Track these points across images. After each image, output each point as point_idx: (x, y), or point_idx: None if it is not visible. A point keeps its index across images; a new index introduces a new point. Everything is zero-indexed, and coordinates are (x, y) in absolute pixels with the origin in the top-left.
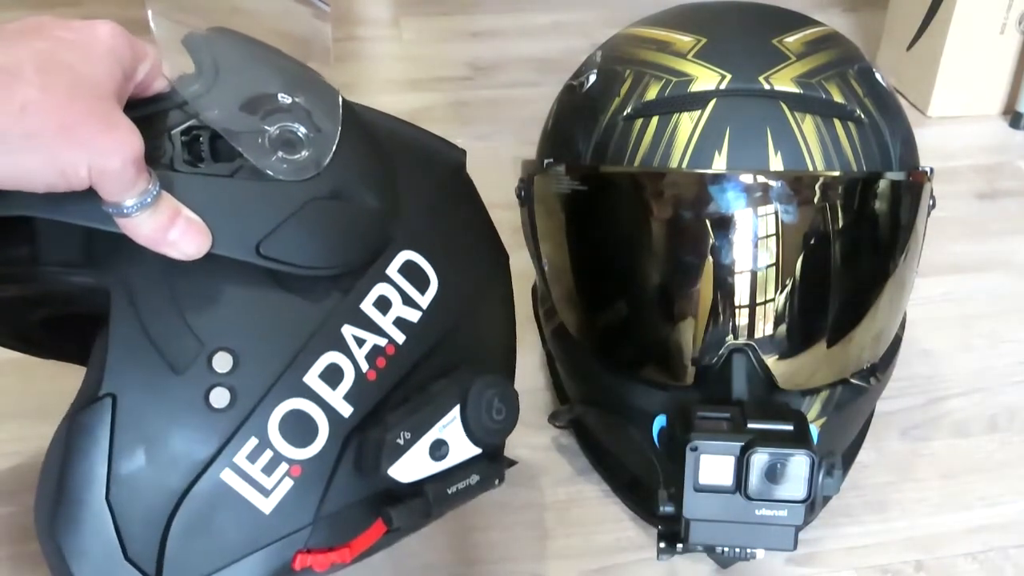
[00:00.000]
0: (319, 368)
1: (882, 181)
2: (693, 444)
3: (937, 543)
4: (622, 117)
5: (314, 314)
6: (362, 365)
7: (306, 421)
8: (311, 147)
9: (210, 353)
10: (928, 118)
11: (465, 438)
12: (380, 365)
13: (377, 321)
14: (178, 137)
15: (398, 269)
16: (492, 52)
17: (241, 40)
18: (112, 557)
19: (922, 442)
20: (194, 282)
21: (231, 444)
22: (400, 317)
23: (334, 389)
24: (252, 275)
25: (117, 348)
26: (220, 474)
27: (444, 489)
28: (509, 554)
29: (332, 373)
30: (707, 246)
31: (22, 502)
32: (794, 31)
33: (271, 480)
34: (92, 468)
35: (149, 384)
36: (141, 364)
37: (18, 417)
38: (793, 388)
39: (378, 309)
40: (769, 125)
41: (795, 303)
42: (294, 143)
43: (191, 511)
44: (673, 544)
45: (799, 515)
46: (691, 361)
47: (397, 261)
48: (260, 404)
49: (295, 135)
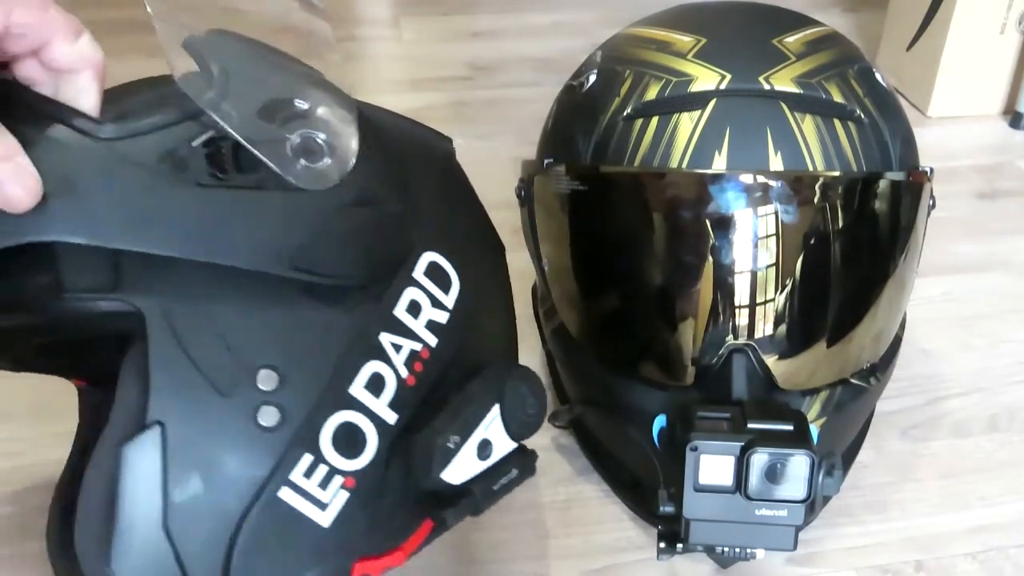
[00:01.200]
0: (363, 378)
1: (882, 181)
2: (693, 444)
3: (937, 543)
4: (622, 117)
5: (352, 324)
6: (401, 371)
7: (355, 432)
8: (332, 154)
9: (255, 372)
10: (928, 118)
11: (504, 434)
12: (417, 369)
13: (411, 326)
14: (200, 150)
15: (424, 271)
16: (492, 52)
17: (244, 42)
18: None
19: (922, 442)
20: (230, 300)
21: (285, 462)
22: (431, 320)
23: (378, 397)
24: (287, 289)
25: (159, 374)
26: (278, 493)
27: (490, 487)
28: (509, 554)
29: (375, 382)
30: (707, 246)
31: (22, 502)
32: (794, 31)
33: (327, 494)
34: (147, 498)
35: (197, 408)
36: (186, 389)
37: (18, 417)
38: (793, 388)
39: (410, 314)
40: (769, 125)
41: (795, 303)
42: (315, 150)
43: (252, 532)
44: (673, 544)
45: (799, 515)
46: (691, 361)
47: (422, 263)
48: (310, 419)
49: (316, 142)
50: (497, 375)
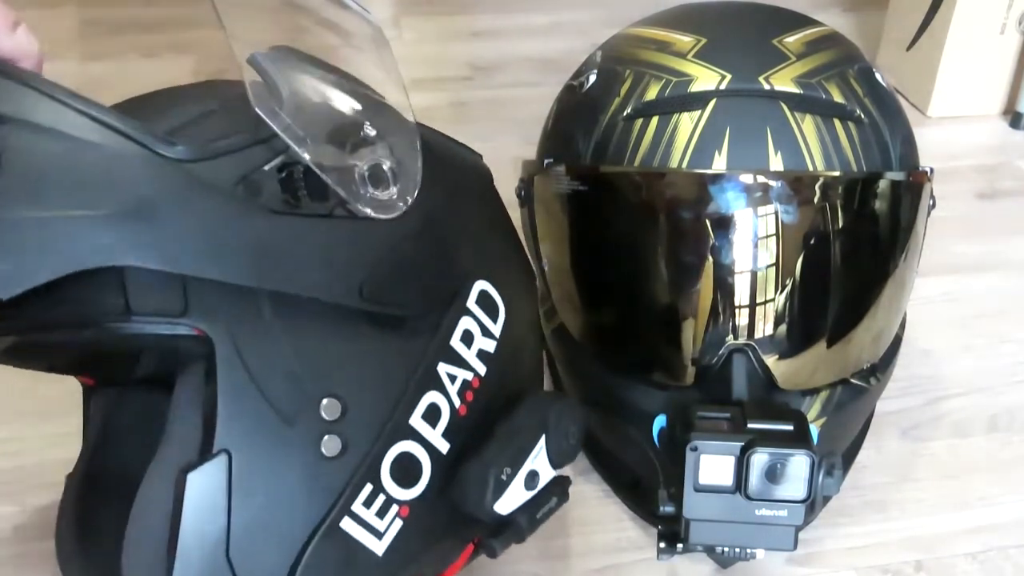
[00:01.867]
0: (422, 409)
1: (882, 181)
2: (693, 444)
3: (937, 543)
4: (622, 117)
5: (412, 354)
6: (455, 401)
7: (413, 462)
8: (398, 182)
9: (319, 401)
10: (928, 118)
11: (548, 464)
12: (469, 399)
13: (465, 356)
14: (274, 175)
15: (476, 300)
16: (492, 52)
17: (309, 61)
18: None
19: (922, 442)
20: (297, 328)
21: (348, 492)
22: (481, 349)
23: (434, 428)
24: (351, 318)
25: (227, 401)
26: (340, 523)
27: (534, 515)
28: (509, 554)
29: (432, 412)
30: (707, 246)
31: (22, 502)
32: (794, 31)
33: (384, 523)
34: (210, 526)
35: (262, 437)
36: (253, 417)
37: (18, 417)
38: (793, 388)
39: (464, 343)
40: (769, 125)
41: (795, 303)
42: (382, 179)
43: (313, 562)
44: (673, 544)
45: (799, 515)
46: (691, 361)
47: (475, 292)
48: (372, 449)
49: (383, 170)
50: (542, 405)
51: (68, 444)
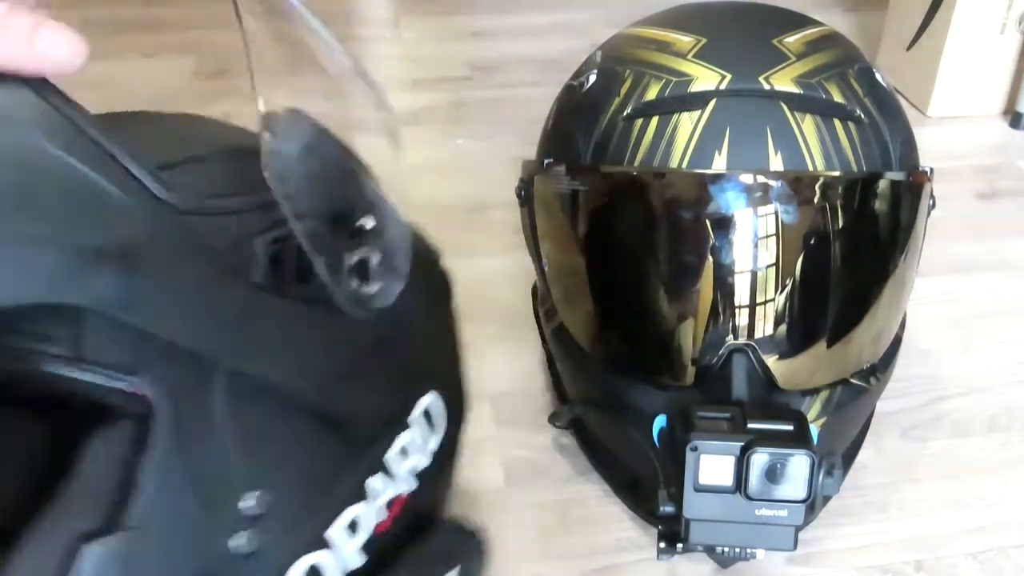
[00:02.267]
0: (344, 520)
1: (882, 181)
2: (693, 444)
3: (937, 543)
4: (622, 117)
5: (347, 462)
6: (379, 516)
7: (320, 574)
8: (382, 281)
9: (243, 494)
10: (928, 118)
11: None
12: (393, 514)
13: (397, 471)
14: (266, 247)
15: (420, 413)
16: (492, 52)
17: (320, 131)
18: None
19: (922, 442)
20: (244, 412)
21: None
22: (415, 465)
23: (351, 539)
24: (300, 414)
25: (152, 475)
26: None
27: None
28: (509, 554)
29: (353, 525)
30: (707, 246)
31: None
32: (794, 31)
33: None
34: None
35: (177, 521)
36: (174, 497)
37: None
38: (793, 388)
39: (400, 458)
40: (769, 125)
41: (795, 303)
42: (368, 274)
43: None
44: (673, 544)
45: (799, 515)
46: (691, 361)
47: (420, 405)
48: (281, 556)
49: (371, 266)
50: (454, 538)
51: None
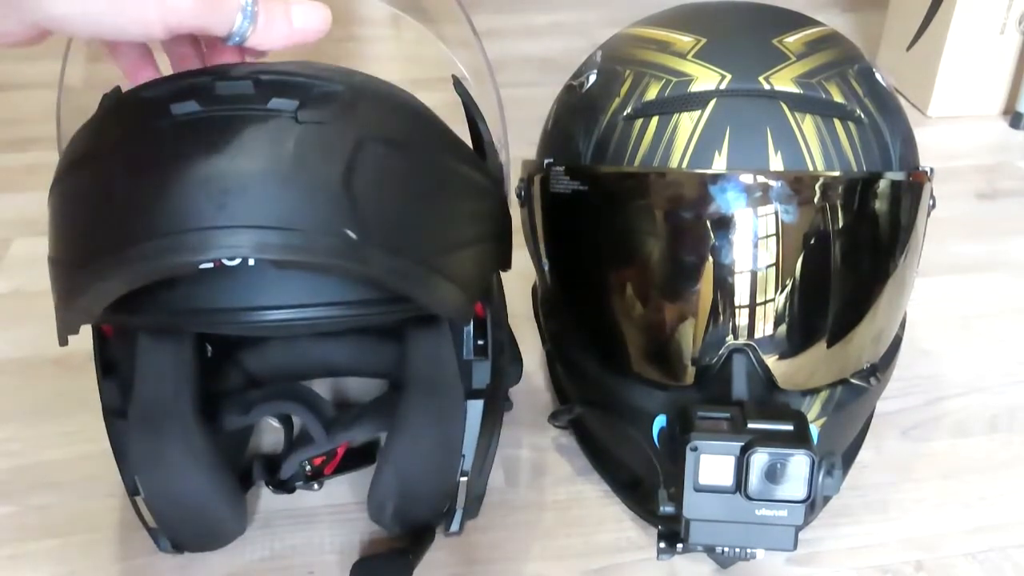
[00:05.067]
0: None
1: (882, 181)
2: (693, 444)
3: (937, 543)
4: (622, 117)
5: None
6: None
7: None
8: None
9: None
10: (928, 118)
11: None
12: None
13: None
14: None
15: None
16: (492, 52)
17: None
18: None
19: (922, 442)
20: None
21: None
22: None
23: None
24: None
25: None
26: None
27: None
28: (509, 554)
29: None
30: (707, 246)
31: (22, 502)
32: (794, 31)
33: None
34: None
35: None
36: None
37: (18, 417)
38: (793, 388)
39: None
40: (769, 125)
41: (795, 303)
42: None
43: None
44: (673, 544)
45: (799, 515)
46: (691, 361)
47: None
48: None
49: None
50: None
51: (68, 444)
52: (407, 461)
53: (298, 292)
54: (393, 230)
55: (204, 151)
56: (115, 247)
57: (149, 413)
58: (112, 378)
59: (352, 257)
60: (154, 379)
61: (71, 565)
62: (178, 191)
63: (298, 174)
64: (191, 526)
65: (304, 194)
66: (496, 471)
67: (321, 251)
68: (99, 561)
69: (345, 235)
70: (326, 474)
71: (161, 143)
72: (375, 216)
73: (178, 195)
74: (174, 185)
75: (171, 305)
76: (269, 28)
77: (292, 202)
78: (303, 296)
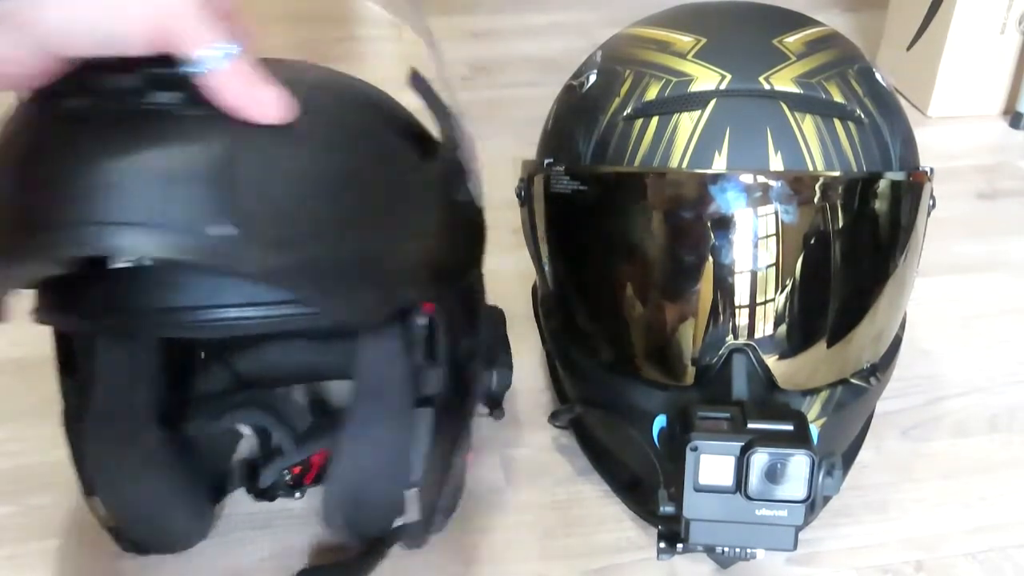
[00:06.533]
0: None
1: (882, 181)
2: (693, 444)
3: (937, 543)
4: (622, 117)
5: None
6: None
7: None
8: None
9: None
10: (928, 118)
11: None
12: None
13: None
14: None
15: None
16: (492, 52)
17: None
18: None
19: (922, 442)
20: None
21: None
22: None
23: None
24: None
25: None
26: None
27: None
28: (509, 554)
29: None
30: (707, 246)
31: (22, 502)
32: (794, 31)
33: None
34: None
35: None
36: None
37: (18, 417)
38: (793, 388)
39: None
40: (769, 125)
41: (795, 303)
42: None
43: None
44: (673, 544)
45: (799, 515)
46: (691, 361)
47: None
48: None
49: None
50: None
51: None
52: (350, 468)
53: (250, 290)
54: (283, 226)
55: (86, 146)
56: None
57: (105, 415)
58: (72, 377)
59: (226, 255)
60: (111, 381)
61: (71, 565)
62: (57, 186)
63: (174, 169)
64: (146, 528)
65: (180, 190)
66: (496, 471)
67: (190, 250)
68: (99, 561)
69: (221, 231)
70: (306, 484)
71: (44, 137)
72: (261, 212)
73: (57, 191)
74: (53, 180)
75: (115, 305)
76: (229, 81)
77: (167, 198)
78: (255, 294)
